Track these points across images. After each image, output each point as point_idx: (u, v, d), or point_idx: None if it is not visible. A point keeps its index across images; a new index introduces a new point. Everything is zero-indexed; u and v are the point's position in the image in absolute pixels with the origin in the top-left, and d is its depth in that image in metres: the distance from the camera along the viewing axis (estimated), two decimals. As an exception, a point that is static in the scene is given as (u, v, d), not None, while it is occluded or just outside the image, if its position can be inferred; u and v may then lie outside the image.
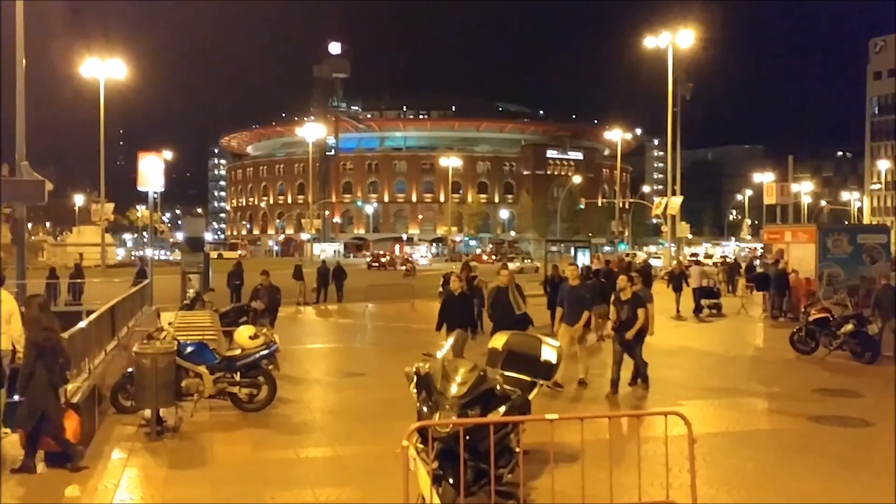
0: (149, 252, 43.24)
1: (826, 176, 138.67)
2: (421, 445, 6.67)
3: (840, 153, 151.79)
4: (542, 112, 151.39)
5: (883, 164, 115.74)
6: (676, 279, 28.12)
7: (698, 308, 26.56)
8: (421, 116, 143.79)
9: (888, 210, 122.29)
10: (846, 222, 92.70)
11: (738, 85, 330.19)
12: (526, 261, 70.37)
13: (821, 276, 23.91)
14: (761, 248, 40.28)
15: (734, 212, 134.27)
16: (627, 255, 58.35)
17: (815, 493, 7.92)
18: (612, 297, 13.50)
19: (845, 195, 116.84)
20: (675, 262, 37.16)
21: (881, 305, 17.13)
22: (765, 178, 77.66)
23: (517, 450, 7.03)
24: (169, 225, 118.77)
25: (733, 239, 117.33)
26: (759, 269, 31.51)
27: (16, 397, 8.92)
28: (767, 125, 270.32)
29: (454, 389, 7.15)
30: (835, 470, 8.76)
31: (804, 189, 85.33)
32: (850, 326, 16.36)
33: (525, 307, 13.56)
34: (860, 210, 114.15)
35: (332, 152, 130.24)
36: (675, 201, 44.33)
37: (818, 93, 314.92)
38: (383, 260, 78.18)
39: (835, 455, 9.35)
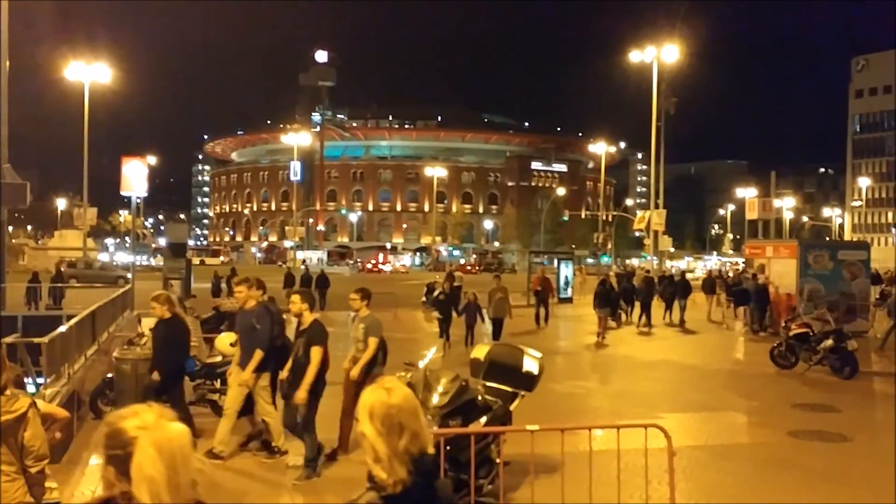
0: (131, 257, 43.05)
1: (808, 192, 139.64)
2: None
3: (822, 170, 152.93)
4: (527, 124, 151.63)
5: (864, 182, 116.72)
6: (709, 284, 31.80)
7: None
8: (406, 126, 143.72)
9: (868, 227, 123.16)
10: (827, 238, 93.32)
11: (721, 101, 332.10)
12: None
13: (801, 292, 24.04)
14: (742, 262, 40.57)
15: (716, 226, 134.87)
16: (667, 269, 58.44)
17: (793, 507, 7.96)
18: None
19: (827, 211, 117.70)
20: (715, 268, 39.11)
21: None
22: (747, 193, 78.11)
23: (497, 460, 7.05)
24: (151, 230, 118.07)
25: (715, 253, 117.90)
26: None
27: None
28: (750, 141, 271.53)
29: (436, 399, 7.16)
30: (813, 484, 8.81)
31: (786, 205, 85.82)
32: (829, 342, 16.46)
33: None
34: (841, 226, 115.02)
35: (316, 158, 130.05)
36: (659, 215, 44.49)
37: (801, 110, 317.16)
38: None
39: (813, 469, 9.40)
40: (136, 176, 28.24)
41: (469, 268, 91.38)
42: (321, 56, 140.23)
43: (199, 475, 2.45)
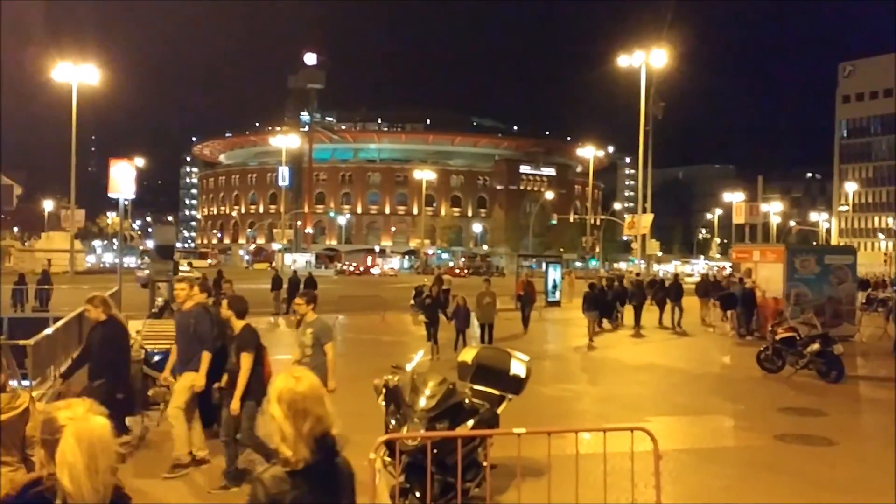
0: (117, 259, 42.82)
1: (795, 197, 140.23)
2: (388, 458, 6.67)
3: (809, 175, 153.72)
4: (515, 128, 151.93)
5: (850, 187, 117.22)
6: (703, 288, 31.46)
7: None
8: (395, 129, 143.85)
9: (855, 231, 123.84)
10: (814, 243, 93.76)
11: (709, 105, 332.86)
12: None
13: (788, 296, 24.13)
14: (729, 266, 40.68)
15: (704, 230, 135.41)
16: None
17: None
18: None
19: (814, 216, 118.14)
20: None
21: None
22: (735, 197, 78.34)
23: (484, 464, 7.05)
24: (139, 232, 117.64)
25: (702, 257, 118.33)
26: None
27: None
28: (738, 146, 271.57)
29: (423, 402, 7.16)
30: (798, 488, 8.85)
31: (773, 209, 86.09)
32: (816, 346, 16.53)
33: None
34: (828, 231, 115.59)
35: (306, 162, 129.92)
36: (646, 219, 44.63)
37: (788, 115, 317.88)
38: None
39: (799, 473, 9.44)
40: (123, 178, 28.07)
41: (458, 271, 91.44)
42: (310, 58, 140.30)
43: (119, 461, 2.86)
